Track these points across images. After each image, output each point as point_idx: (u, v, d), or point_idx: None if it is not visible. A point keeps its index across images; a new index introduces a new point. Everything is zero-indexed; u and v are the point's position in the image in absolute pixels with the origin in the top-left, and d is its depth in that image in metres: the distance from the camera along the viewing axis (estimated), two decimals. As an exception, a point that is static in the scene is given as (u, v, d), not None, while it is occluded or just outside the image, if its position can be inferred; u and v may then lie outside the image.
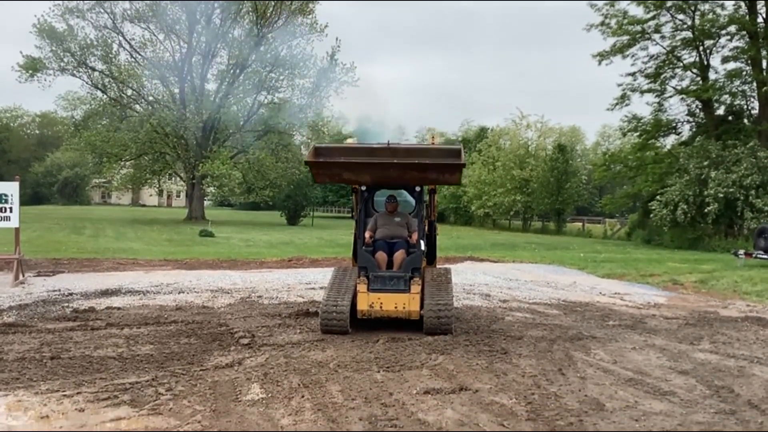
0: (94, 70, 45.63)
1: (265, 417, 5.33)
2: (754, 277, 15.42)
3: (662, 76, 33.34)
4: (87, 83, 46.46)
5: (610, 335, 8.94)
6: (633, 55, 33.45)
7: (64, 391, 5.86)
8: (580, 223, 51.67)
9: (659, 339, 8.77)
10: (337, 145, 8.67)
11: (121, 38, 45.81)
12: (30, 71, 43.72)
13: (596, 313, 10.84)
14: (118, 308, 10.27)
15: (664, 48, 32.81)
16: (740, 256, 19.00)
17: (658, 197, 29.63)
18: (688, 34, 31.87)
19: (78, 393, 5.82)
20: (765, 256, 18.26)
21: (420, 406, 5.64)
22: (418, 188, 9.59)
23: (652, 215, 30.10)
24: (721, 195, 26.70)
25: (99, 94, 47.03)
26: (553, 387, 6.30)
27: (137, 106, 47.60)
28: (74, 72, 45.23)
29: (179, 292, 12.11)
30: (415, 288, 8.51)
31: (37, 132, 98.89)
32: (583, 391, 6.18)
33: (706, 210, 27.30)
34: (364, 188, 9.63)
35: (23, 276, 13.23)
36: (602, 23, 33.39)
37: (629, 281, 15.73)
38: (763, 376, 6.91)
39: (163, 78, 46.71)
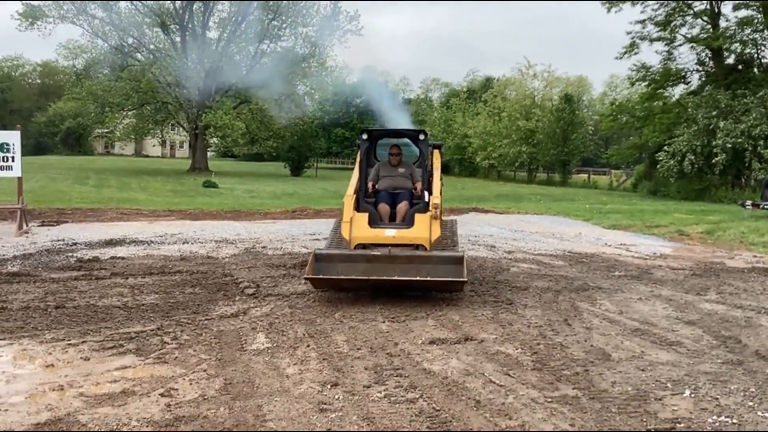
0: (94, 17, 44.92)
1: (271, 366, 5.32)
2: (761, 227, 15.33)
3: (672, 24, 32.67)
4: (87, 31, 45.83)
5: (615, 286, 8.91)
6: (642, 2, 32.77)
7: (69, 340, 5.86)
8: (586, 175, 51.47)
9: (665, 289, 8.74)
10: (336, 252, 7.99)
11: (121, -16, 45.00)
12: (30, 19, 43.06)
13: (602, 263, 10.80)
14: (123, 258, 10.26)
15: (675, -6, 32.12)
16: (747, 207, 18.86)
17: (665, 148, 29.36)
18: (700, -20, 31.18)
19: (83, 342, 5.82)
20: (772, 207, 18.15)
21: (425, 356, 5.63)
22: (422, 136, 9.13)
23: (658, 166, 29.86)
24: (729, 145, 26.43)
25: (100, 42, 46.45)
26: (558, 337, 6.29)
27: (138, 55, 47.02)
28: (74, 20, 44.54)
29: (183, 243, 12.09)
30: None
31: (39, 81, 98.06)
32: (588, 342, 6.17)
33: (713, 161, 27.06)
34: (365, 137, 9.16)
35: (27, 225, 13.21)
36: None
37: (635, 232, 15.66)
38: (770, 326, 6.88)
39: (164, 26, 46.01)
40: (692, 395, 4.83)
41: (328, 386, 4.88)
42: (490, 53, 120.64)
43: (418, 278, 7.40)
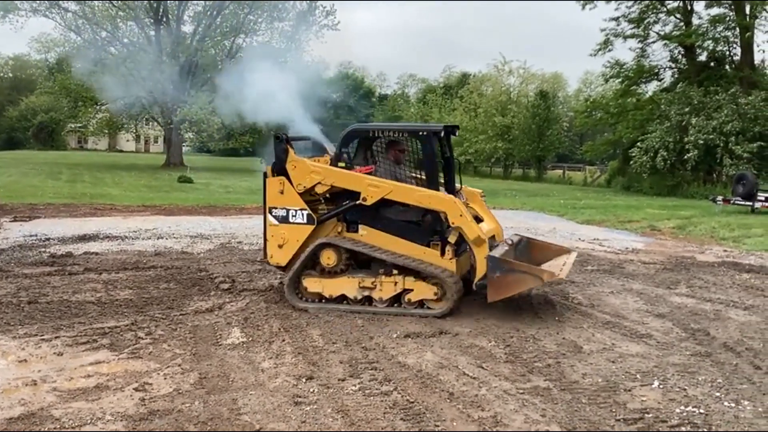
0: (67, 11, 44.27)
1: (246, 360, 5.34)
2: (732, 223, 15.59)
3: (645, 21, 32.97)
4: (60, 25, 45.14)
5: (588, 280, 9.03)
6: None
7: (42, 336, 5.82)
8: (561, 171, 51.77)
9: (637, 283, 8.87)
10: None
11: (94, -23, 44.35)
12: (1, 12, 42.34)
13: (575, 258, 10.90)
14: (96, 253, 10.18)
15: (648, -9, 32.42)
16: (718, 202, 19.15)
17: (638, 144, 29.66)
18: (673, -23, 31.52)
19: (56, 337, 5.79)
20: (743, 202, 18.45)
21: (400, 350, 5.68)
22: (456, 131, 8.10)
23: (632, 162, 30.15)
24: (701, 142, 26.77)
25: (73, 36, 45.77)
26: (531, 330, 6.37)
27: (112, 49, 46.42)
28: (47, 13, 43.84)
29: (158, 238, 12.02)
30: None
31: (11, 75, 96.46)
32: (560, 334, 6.26)
33: (685, 157, 27.40)
34: (442, 130, 7.53)
35: (-1, 221, 13.04)
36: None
37: (608, 227, 15.84)
38: (738, 319, 7.03)
39: (138, 20, 45.49)
40: (661, 386, 4.93)
41: (303, 380, 4.91)
42: (467, 49, 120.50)
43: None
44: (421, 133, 7.57)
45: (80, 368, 5.06)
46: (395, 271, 7.00)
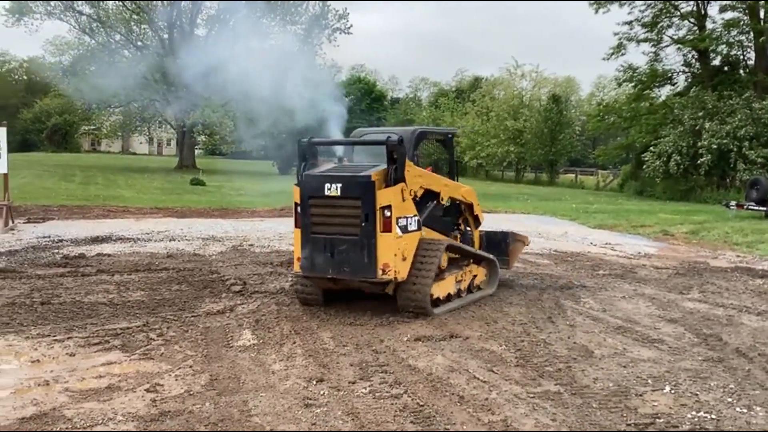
0: (81, 14, 44.61)
1: (257, 362, 5.36)
2: (745, 228, 15.47)
3: (659, 25, 32.84)
4: (74, 28, 45.49)
5: (600, 284, 8.99)
6: (630, 3, 32.92)
7: (54, 336, 5.87)
8: (573, 175, 51.62)
9: (649, 288, 8.83)
10: None
11: (108, -20, 44.67)
12: (16, 15, 42.71)
13: (587, 262, 10.88)
14: (109, 255, 10.25)
15: (662, -5, 32.29)
16: (732, 207, 19.02)
17: (651, 148, 29.50)
18: (687, -19, 31.37)
19: (69, 338, 5.83)
20: (756, 208, 18.30)
21: (411, 353, 5.67)
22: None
23: (645, 166, 29.99)
24: (715, 146, 26.60)
25: (87, 39, 46.11)
26: (542, 334, 6.36)
27: (126, 52, 46.73)
28: (61, 16, 44.20)
29: (170, 240, 12.08)
30: None
31: (25, 78, 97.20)
32: (572, 339, 6.24)
33: (699, 161, 27.23)
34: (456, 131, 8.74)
35: (13, 222, 13.15)
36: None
37: (620, 232, 15.77)
38: (751, 324, 6.97)
39: (152, 23, 45.78)
40: (672, 391, 4.90)
41: (314, 382, 4.91)
42: (479, 52, 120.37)
43: None
44: (449, 135, 8.83)
45: (92, 369, 5.09)
46: (471, 261, 7.84)
